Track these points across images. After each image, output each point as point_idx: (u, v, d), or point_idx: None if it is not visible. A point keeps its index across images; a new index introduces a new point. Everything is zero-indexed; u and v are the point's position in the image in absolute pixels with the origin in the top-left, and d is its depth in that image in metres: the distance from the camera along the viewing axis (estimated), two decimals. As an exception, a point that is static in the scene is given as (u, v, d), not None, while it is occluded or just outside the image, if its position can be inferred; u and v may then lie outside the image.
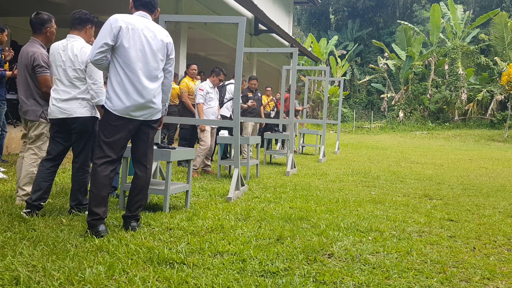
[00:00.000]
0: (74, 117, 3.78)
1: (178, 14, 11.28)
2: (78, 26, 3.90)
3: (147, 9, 3.53)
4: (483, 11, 31.96)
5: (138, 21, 3.42)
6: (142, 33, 3.39)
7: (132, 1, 3.55)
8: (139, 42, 3.37)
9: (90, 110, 3.84)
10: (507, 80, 23.06)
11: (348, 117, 30.75)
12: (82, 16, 3.91)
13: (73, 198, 3.96)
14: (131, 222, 3.53)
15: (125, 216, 3.56)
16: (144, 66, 3.41)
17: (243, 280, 2.65)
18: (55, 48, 3.88)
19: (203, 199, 5.02)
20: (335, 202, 5.20)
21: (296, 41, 18.67)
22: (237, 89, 5.29)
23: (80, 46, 3.81)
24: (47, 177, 3.87)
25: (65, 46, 3.83)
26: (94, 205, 3.31)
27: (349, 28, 37.50)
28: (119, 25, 3.31)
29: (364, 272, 2.91)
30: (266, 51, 9.42)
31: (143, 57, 3.40)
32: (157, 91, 3.53)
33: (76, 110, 3.79)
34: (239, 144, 5.67)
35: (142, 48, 3.38)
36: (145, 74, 3.42)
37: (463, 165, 10.88)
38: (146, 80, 3.42)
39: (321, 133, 11.26)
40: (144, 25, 3.43)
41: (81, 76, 3.79)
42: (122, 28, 3.32)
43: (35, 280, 2.45)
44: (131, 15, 3.48)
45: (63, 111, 3.78)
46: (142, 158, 3.59)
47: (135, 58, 3.36)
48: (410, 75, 29.57)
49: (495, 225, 4.46)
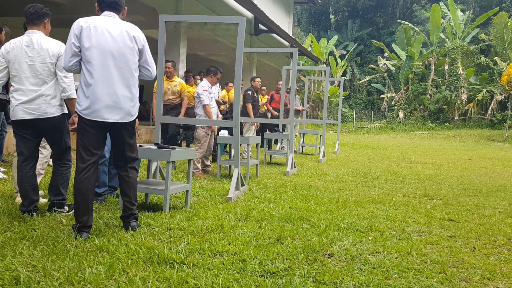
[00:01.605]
0: (44, 118, 3.66)
1: (178, 14, 11.28)
2: (36, 21, 3.74)
3: (112, 9, 3.42)
4: (483, 11, 31.96)
5: (102, 20, 3.32)
6: (105, 30, 3.27)
7: (97, 4, 3.45)
8: (103, 40, 3.25)
9: (59, 107, 3.72)
10: (507, 80, 23.06)
11: (348, 117, 30.75)
12: (39, 11, 3.76)
13: (55, 193, 3.87)
14: (131, 222, 3.50)
15: (122, 217, 3.54)
16: (110, 64, 3.28)
17: (243, 280, 2.65)
18: (17, 45, 3.70)
19: (203, 199, 5.02)
20: (335, 202, 5.20)
21: (296, 41, 18.67)
22: (237, 89, 5.29)
23: (47, 40, 3.70)
24: (30, 179, 3.77)
25: (28, 41, 3.67)
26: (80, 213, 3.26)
27: (349, 28, 37.49)
28: (81, 25, 3.24)
29: (364, 272, 2.92)
30: (266, 51, 9.42)
31: (109, 55, 3.27)
32: (128, 91, 3.37)
33: (46, 111, 3.65)
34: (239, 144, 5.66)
35: (106, 45, 3.26)
36: (111, 73, 3.29)
37: (463, 165, 10.88)
38: (115, 79, 3.29)
39: (321, 133, 11.26)
40: (108, 23, 3.32)
41: (51, 71, 3.65)
42: (83, 28, 3.23)
43: (35, 280, 2.45)
44: (96, 16, 3.38)
45: (31, 111, 3.64)
46: (120, 159, 3.50)
47: (100, 56, 3.24)
48: (410, 75, 29.57)
49: (495, 225, 4.46)
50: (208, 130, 6.86)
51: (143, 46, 3.46)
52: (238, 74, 5.12)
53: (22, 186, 3.76)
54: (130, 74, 3.38)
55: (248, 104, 8.97)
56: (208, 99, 6.81)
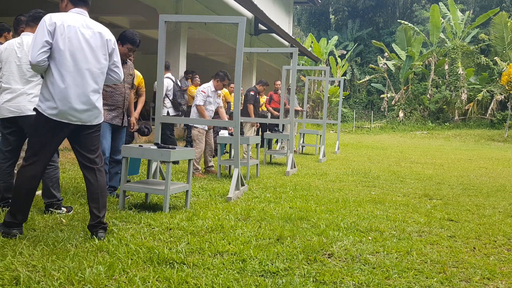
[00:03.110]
0: (24, 115, 3.67)
1: (178, 14, 11.28)
2: (31, 23, 3.84)
3: (84, 5, 3.30)
4: (483, 11, 31.94)
5: (75, 18, 3.19)
6: (79, 30, 3.16)
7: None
8: (76, 41, 3.14)
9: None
10: (507, 80, 23.05)
11: (348, 117, 30.74)
12: (35, 14, 3.85)
13: (48, 196, 3.88)
14: (98, 232, 3.25)
15: (89, 226, 3.29)
16: (82, 66, 3.17)
17: (243, 280, 2.65)
18: (10, 44, 3.81)
19: (203, 199, 5.02)
20: (335, 202, 5.20)
21: (296, 41, 18.67)
22: (237, 89, 5.29)
23: None
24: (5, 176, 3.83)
25: (20, 42, 3.78)
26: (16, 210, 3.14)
27: (349, 28, 37.48)
28: (54, 22, 3.09)
29: (364, 272, 2.92)
30: (266, 51, 9.43)
31: (81, 56, 3.17)
32: (98, 93, 3.29)
33: (27, 108, 3.65)
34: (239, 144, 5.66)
35: (79, 46, 3.16)
36: (83, 75, 3.18)
37: (463, 165, 10.88)
38: (84, 81, 3.19)
39: (321, 133, 11.25)
40: (82, 22, 3.21)
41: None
42: (57, 26, 3.09)
43: (35, 280, 2.45)
44: (66, 12, 3.24)
45: (13, 109, 3.69)
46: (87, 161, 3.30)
47: (71, 57, 3.13)
48: (410, 75, 29.56)
49: (495, 225, 4.46)
50: (201, 129, 6.82)
51: (113, 50, 3.39)
52: (238, 74, 5.12)
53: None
54: (100, 78, 3.31)
55: (250, 105, 8.96)
56: (201, 100, 6.72)
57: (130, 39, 4.55)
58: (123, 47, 4.52)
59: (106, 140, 4.55)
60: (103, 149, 4.47)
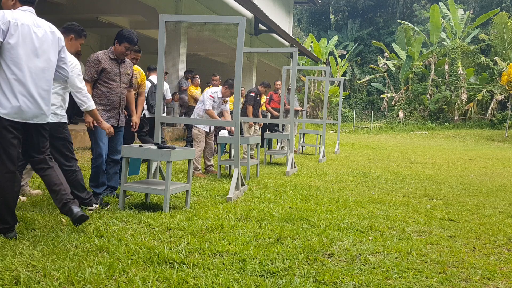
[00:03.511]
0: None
1: (178, 14, 11.28)
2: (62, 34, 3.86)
3: (31, 3, 3.28)
4: (483, 11, 31.95)
5: (25, 17, 3.18)
6: (31, 28, 3.16)
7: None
8: (28, 39, 3.14)
9: (55, 116, 3.86)
10: (507, 80, 23.04)
11: (348, 117, 30.74)
12: (67, 26, 3.98)
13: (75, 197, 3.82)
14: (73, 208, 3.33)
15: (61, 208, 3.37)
16: (35, 64, 3.17)
17: (243, 280, 2.65)
18: None
19: (203, 199, 5.02)
20: (335, 202, 5.20)
21: (296, 41, 18.67)
22: (237, 89, 5.29)
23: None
24: None
25: None
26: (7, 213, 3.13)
27: (349, 28, 37.48)
28: (8, 20, 3.05)
29: (364, 272, 2.92)
30: (266, 51, 9.42)
31: (34, 55, 3.16)
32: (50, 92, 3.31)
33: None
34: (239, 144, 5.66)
35: (32, 44, 3.15)
36: (36, 73, 3.18)
37: (463, 165, 10.88)
38: (37, 79, 3.19)
39: (321, 133, 11.25)
40: (32, 21, 3.20)
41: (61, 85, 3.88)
42: (11, 24, 3.06)
43: (35, 280, 2.45)
44: (16, 10, 3.19)
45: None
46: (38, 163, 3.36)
47: (24, 56, 3.11)
48: (410, 75, 29.56)
49: (495, 225, 4.46)
50: (201, 129, 6.85)
51: (62, 47, 3.43)
52: (238, 74, 5.12)
53: None
54: (51, 76, 3.33)
55: (249, 106, 8.96)
56: (210, 105, 6.83)
57: (127, 38, 4.52)
58: (120, 46, 4.51)
59: (102, 142, 4.50)
60: (101, 151, 4.45)
